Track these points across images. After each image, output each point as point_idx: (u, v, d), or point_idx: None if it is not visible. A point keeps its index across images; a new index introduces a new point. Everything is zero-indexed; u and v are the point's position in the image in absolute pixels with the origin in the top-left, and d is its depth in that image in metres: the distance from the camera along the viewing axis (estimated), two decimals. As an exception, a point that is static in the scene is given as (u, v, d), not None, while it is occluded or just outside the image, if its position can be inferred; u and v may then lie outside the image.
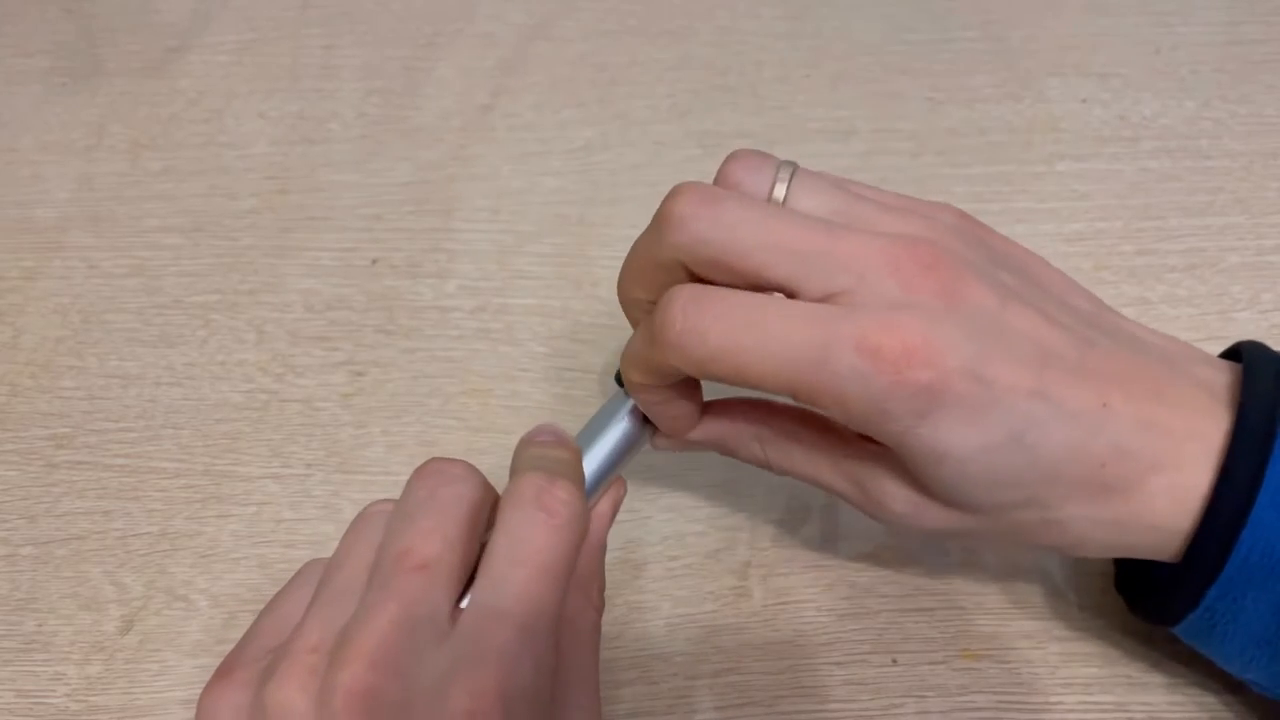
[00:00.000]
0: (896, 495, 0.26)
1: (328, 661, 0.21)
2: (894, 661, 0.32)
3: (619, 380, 0.29)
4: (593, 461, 0.28)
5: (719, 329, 0.24)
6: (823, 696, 0.32)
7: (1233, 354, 0.28)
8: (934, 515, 0.26)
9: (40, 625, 0.35)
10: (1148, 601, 0.29)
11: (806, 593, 0.34)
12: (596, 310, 0.41)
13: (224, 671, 0.23)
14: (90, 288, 0.44)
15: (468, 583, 0.24)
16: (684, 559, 0.35)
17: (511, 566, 0.23)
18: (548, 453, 0.27)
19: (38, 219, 0.46)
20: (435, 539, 0.23)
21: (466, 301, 0.42)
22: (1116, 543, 0.27)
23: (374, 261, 0.44)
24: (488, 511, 0.25)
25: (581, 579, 0.26)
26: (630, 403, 0.29)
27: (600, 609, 0.27)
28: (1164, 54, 0.49)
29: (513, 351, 0.41)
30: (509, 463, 0.27)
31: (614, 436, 0.29)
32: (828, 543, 0.35)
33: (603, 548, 0.28)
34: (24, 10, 0.56)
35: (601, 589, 0.27)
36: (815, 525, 0.35)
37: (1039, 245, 0.43)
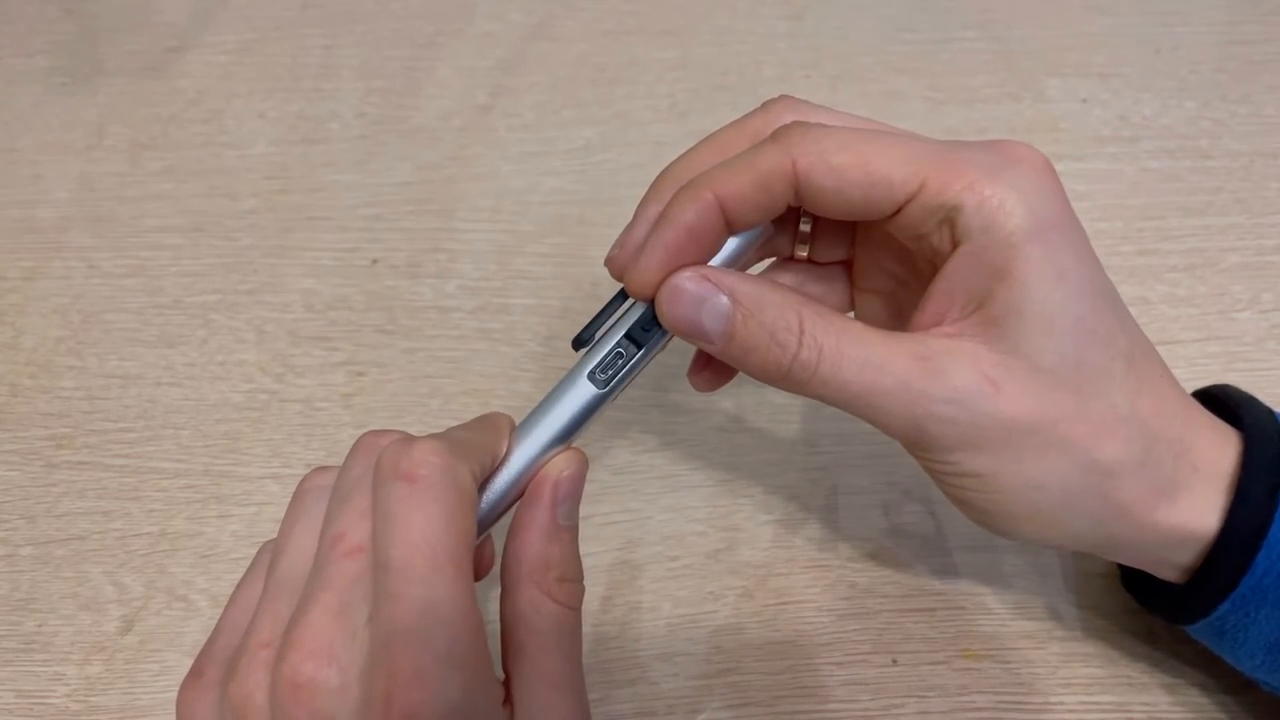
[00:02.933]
0: (977, 358, 0.24)
1: (275, 655, 0.22)
2: (894, 662, 0.32)
3: (577, 345, 0.28)
4: (539, 428, 0.26)
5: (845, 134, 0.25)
6: (823, 697, 0.32)
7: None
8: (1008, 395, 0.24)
9: (40, 625, 0.35)
10: (1156, 604, 0.29)
11: (807, 593, 0.34)
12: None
13: (196, 671, 0.24)
14: (90, 288, 0.44)
15: None
16: (684, 559, 0.35)
17: (388, 546, 0.22)
18: (446, 430, 0.26)
19: (38, 219, 0.46)
20: (367, 521, 0.23)
21: (466, 301, 0.42)
22: (1117, 554, 0.27)
23: (374, 261, 0.44)
24: None
25: (530, 569, 0.24)
26: (588, 365, 0.27)
27: (567, 603, 0.24)
28: (1164, 54, 0.49)
29: (513, 351, 0.41)
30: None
31: (565, 400, 0.27)
32: (828, 543, 0.35)
33: (554, 531, 0.25)
34: (24, 10, 0.56)
35: (564, 579, 0.25)
36: (815, 525, 0.35)
37: (1039, 245, 0.43)
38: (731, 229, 0.26)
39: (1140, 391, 0.25)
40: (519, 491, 0.26)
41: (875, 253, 0.29)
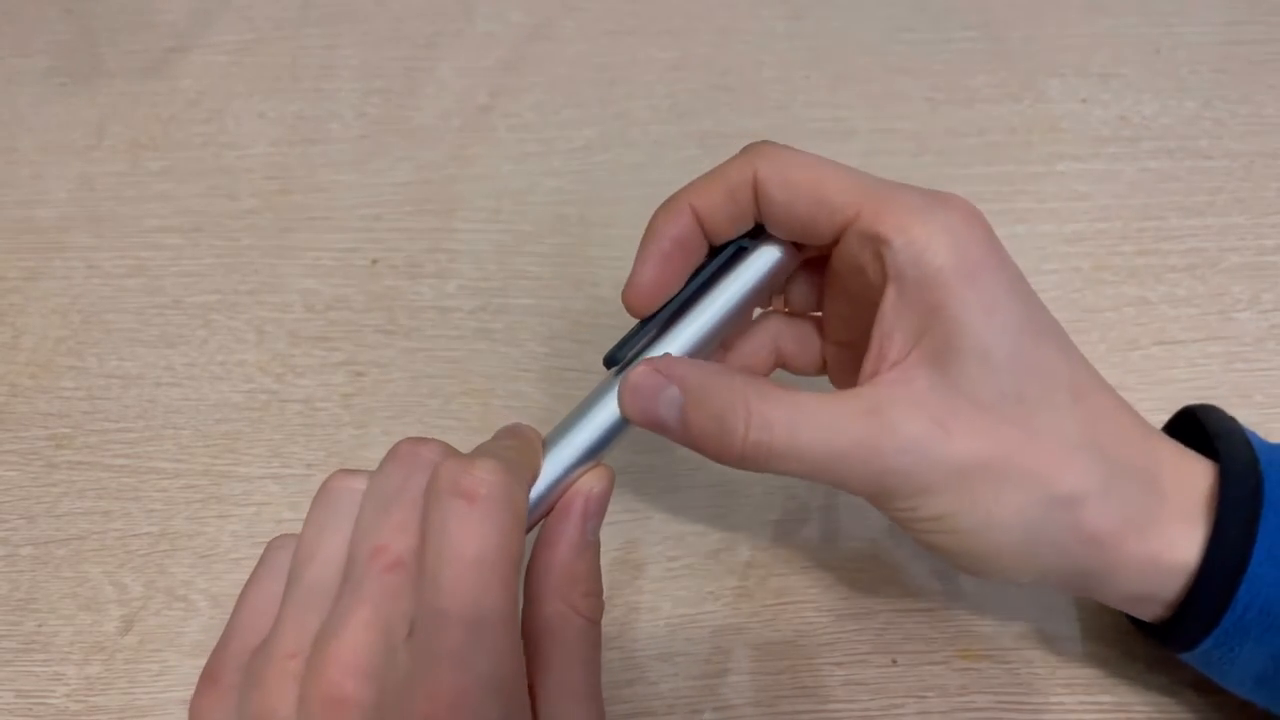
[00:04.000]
0: (924, 399, 0.25)
1: (305, 668, 0.21)
2: (894, 662, 0.32)
3: (608, 363, 0.28)
4: (569, 444, 0.26)
5: None
6: (823, 697, 0.32)
7: (1174, 422, 0.30)
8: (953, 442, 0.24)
9: (40, 625, 0.35)
10: (1144, 629, 0.29)
11: (806, 593, 0.34)
12: (596, 310, 0.41)
13: (210, 677, 0.23)
14: (90, 288, 0.44)
15: None
16: (684, 559, 0.35)
17: (441, 564, 0.22)
18: (488, 444, 0.26)
19: (38, 219, 0.46)
20: (408, 535, 0.22)
21: (466, 301, 0.42)
22: (1096, 591, 0.27)
23: (374, 261, 0.44)
24: None
25: (559, 583, 0.25)
26: (616, 384, 0.27)
27: (591, 616, 0.25)
28: (1164, 54, 0.49)
29: (513, 351, 0.41)
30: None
31: (595, 418, 0.27)
32: (828, 543, 0.35)
33: (583, 546, 0.25)
34: (24, 10, 0.56)
35: (589, 593, 0.25)
36: (815, 525, 0.35)
37: (1039, 246, 0.43)
38: (709, 238, 0.27)
39: (1092, 421, 0.25)
40: (549, 507, 0.26)
41: (839, 302, 0.30)
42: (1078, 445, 0.25)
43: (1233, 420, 0.28)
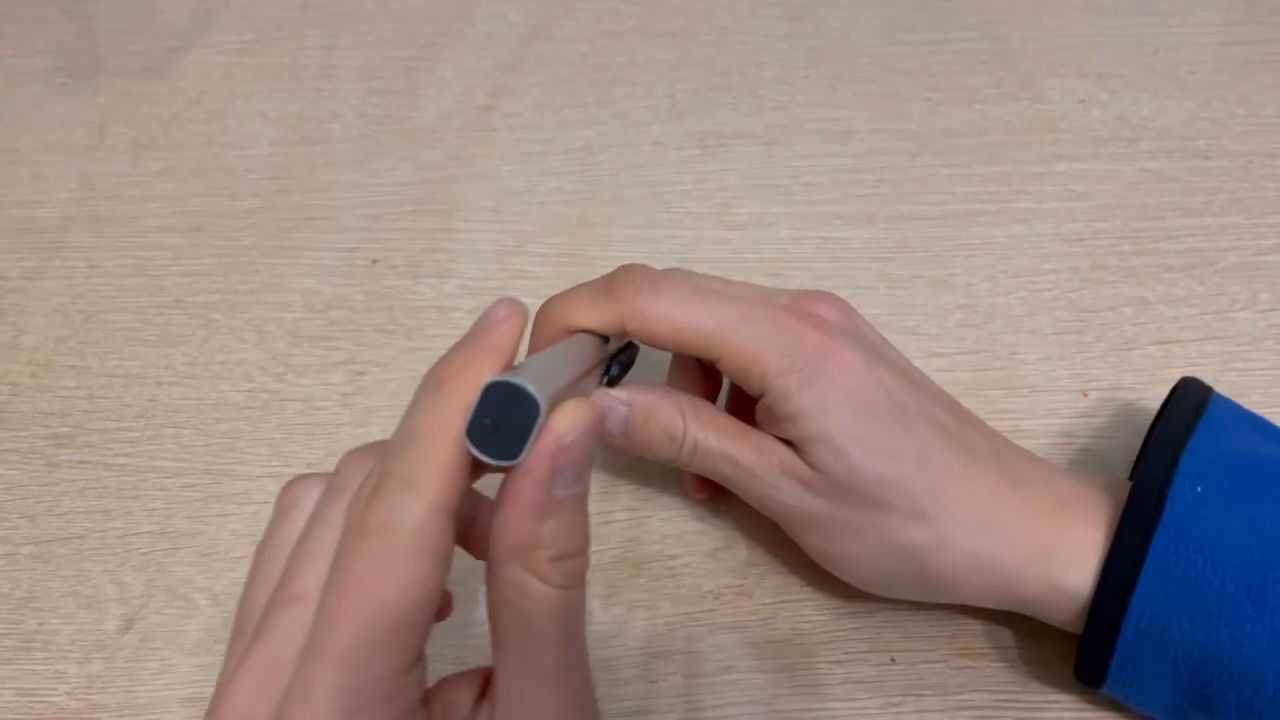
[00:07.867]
0: (794, 465, 0.29)
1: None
2: (893, 660, 0.32)
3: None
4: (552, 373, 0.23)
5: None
6: (822, 695, 0.32)
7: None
8: (815, 494, 0.29)
9: (41, 624, 0.35)
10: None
11: (805, 591, 0.34)
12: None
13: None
14: (91, 287, 0.44)
15: None
16: (684, 558, 0.35)
17: (330, 601, 0.20)
18: (410, 420, 0.23)
19: (39, 219, 0.46)
20: (313, 562, 0.21)
21: (466, 301, 0.42)
22: (1002, 595, 0.30)
23: (374, 261, 0.44)
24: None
25: (515, 547, 0.21)
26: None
27: (560, 583, 0.21)
28: (1163, 54, 0.49)
29: (513, 351, 0.41)
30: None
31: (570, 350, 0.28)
32: (827, 542, 0.35)
33: (544, 506, 0.21)
34: (24, 10, 0.56)
35: (558, 556, 0.21)
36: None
37: (1037, 246, 0.43)
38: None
39: (937, 486, 0.29)
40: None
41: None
42: (922, 509, 0.29)
43: (1184, 420, 0.30)
